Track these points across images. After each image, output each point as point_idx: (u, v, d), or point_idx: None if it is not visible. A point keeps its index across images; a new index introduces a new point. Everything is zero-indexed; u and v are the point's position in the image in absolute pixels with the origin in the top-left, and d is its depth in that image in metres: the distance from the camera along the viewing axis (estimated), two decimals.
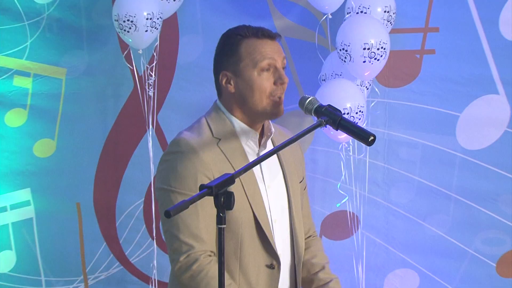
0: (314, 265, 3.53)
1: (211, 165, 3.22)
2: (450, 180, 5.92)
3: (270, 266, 3.32)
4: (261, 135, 3.40)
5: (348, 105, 5.48)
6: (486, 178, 5.83)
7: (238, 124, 3.33)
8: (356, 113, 5.52)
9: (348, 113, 5.50)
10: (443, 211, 5.95)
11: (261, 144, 3.37)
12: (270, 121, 3.41)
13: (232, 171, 3.03)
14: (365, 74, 5.60)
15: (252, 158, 3.31)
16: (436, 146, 5.95)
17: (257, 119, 3.36)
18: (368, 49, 5.49)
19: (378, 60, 5.52)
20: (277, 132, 3.48)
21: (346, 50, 5.46)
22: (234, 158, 3.27)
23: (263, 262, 3.31)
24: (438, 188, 5.96)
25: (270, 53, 3.29)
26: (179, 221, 3.17)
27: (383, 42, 5.49)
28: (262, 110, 3.30)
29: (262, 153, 3.33)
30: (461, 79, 5.84)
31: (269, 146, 3.41)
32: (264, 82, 3.27)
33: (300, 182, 3.54)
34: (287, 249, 3.42)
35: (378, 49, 5.49)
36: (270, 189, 3.35)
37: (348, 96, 5.55)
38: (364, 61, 5.49)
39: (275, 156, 3.39)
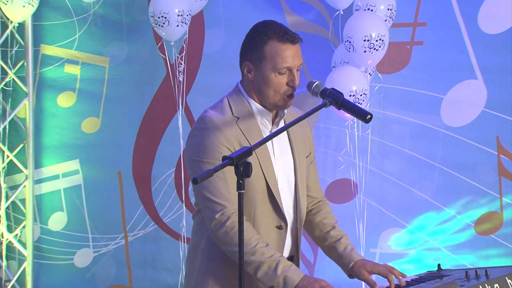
0: (326, 225, 3.49)
1: (232, 140, 3.21)
2: (435, 152, 5.99)
3: (279, 227, 3.31)
4: (275, 114, 3.37)
5: (354, 88, 5.57)
6: (466, 151, 5.91)
7: (255, 105, 3.30)
8: (361, 95, 5.61)
9: (353, 95, 5.57)
10: (429, 179, 6.01)
11: (274, 123, 3.34)
12: None
13: (248, 145, 3.06)
14: (368, 62, 5.69)
15: (266, 135, 3.27)
16: (423, 123, 6.01)
17: (270, 107, 3.33)
18: (368, 40, 5.55)
19: (377, 50, 5.59)
20: (289, 112, 3.43)
21: (350, 42, 5.55)
22: (251, 135, 3.24)
23: (273, 223, 3.30)
24: (425, 159, 6.02)
25: (290, 59, 3.24)
26: (211, 187, 3.16)
27: (382, 35, 5.57)
28: (273, 103, 3.28)
29: (274, 130, 3.31)
30: (445, 67, 5.92)
31: (281, 125, 3.36)
32: (278, 83, 3.24)
33: (307, 157, 3.49)
34: (291, 214, 3.38)
35: (377, 40, 5.56)
36: (279, 162, 3.32)
37: (354, 81, 5.63)
38: (365, 51, 5.57)
39: (285, 134, 3.36)
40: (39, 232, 7.00)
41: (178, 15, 5.98)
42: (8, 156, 6.94)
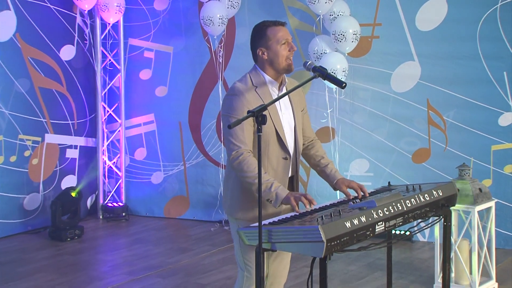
0: (318, 156, 3.40)
1: (252, 102, 3.12)
2: (387, 109, 6.06)
3: (285, 158, 3.22)
4: (280, 84, 3.27)
5: (338, 66, 5.71)
6: (407, 108, 5.97)
7: (267, 77, 3.21)
8: (342, 72, 5.76)
9: (344, 71, 5.73)
10: (383, 127, 6.09)
11: (279, 90, 3.26)
12: (285, 75, 3.29)
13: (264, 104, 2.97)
14: (346, 48, 5.80)
15: (274, 98, 3.16)
16: (379, 90, 6.07)
17: (279, 73, 3.22)
18: (355, 34, 5.73)
19: (358, 41, 5.78)
20: (289, 81, 3.34)
21: (343, 35, 5.68)
22: (265, 98, 3.16)
23: (281, 156, 3.21)
24: (380, 113, 6.09)
25: (285, 34, 3.20)
26: (233, 133, 3.09)
27: (359, 31, 5.76)
28: (283, 68, 3.19)
29: (280, 94, 3.23)
30: (394, 52, 5.97)
31: (283, 91, 3.27)
32: (283, 51, 3.17)
33: (302, 111, 3.38)
34: (292, 149, 3.27)
35: (359, 35, 5.74)
36: (284, 115, 3.25)
37: (338, 62, 5.75)
38: (352, 41, 5.74)
39: (287, 96, 3.29)
40: (128, 161, 7.26)
41: (219, 18, 6.16)
42: (108, 111, 7.20)
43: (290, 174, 3.30)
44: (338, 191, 3.34)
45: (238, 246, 3.26)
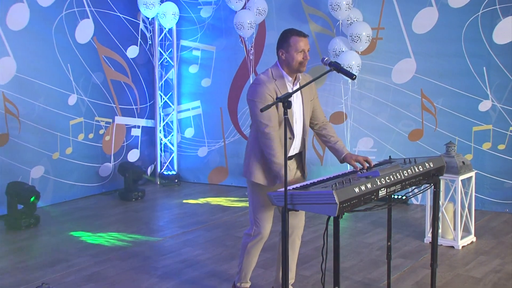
0: (329, 135, 3.37)
1: (272, 91, 3.10)
2: (388, 97, 6.02)
3: (291, 138, 3.20)
4: (294, 79, 3.23)
5: (353, 62, 5.69)
6: (404, 96, 5.92)
7: (284, 73, 3.19)
8: (357, 67, 5.73)
9: (358, 66, 5.68)
10: (384, 111, 6.05)
11: (294, 84, 3.22)
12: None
13: (281, 95, 2.95)
14: (360, 47, 5.76)
15: (289, 90, 3.18)
16: (382, 82, 6.02)
17: (292, 72, 3.19)
18: (369, 36, 5.70)
19: (370, 42, 5.75)
20: (302, 77, 3.28)
21: (359, 37, 5.66)
22: (282, 89, 3.14)
23: (288, 136, 3.17)
24: (383, 101, 6.04)
25: (303, 45, 3.13)
26: (262, 115, 3.08)
27: (371, 34, 5.73)
28: (296, 69, 3.16)
29: (294, 88, 3.21)
30: (394, 51, 5.93)
31: (296, 85, 3.23)
32: (298, 57, 3.12)
33: (311, 100, 3.32)
34: (299, 130, 3.25)
35: (370, 37, 5.71)
36: (295, 103, 3.21)
37: (353, 59, 5.72)
38: (366, 42, 5.71)
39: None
40: (180, 138, 7.30)
41: (248, 23, 6.17)
42: (164, 98, 7.24)
43: (298, 150, 3.30)
44: (347, 164, 3.30)
45: (252, 206, 3.30)
